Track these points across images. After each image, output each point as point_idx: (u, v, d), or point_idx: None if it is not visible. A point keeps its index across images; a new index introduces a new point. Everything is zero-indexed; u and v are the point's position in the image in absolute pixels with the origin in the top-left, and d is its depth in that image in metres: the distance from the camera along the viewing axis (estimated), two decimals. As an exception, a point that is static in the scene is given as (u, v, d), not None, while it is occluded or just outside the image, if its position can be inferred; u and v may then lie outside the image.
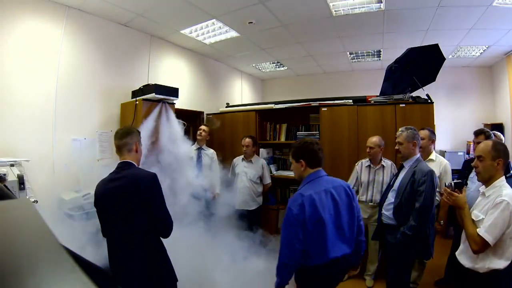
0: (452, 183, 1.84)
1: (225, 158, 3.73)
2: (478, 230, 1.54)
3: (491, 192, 1.62)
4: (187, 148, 3.26)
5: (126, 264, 1.54)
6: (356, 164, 3.11)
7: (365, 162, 3.02)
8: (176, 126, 3.14)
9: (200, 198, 3.11)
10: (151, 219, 1.57)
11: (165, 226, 1.61)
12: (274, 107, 3.99)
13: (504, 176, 1.64)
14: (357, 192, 3.07)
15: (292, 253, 1.56)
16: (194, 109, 4.48)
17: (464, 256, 1.70)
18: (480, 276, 1.57)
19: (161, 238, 1.65)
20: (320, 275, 1.63)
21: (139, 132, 1.83)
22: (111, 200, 1.58)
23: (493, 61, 5.02)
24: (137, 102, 3.01)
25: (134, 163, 1.70)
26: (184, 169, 3.12)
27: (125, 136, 1.71)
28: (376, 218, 2.87)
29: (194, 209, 2.97)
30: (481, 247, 1.52)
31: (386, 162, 2.94)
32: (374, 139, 2.90)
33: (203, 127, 3.67)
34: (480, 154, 1.67)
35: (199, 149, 3.59)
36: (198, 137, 3.61)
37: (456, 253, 1.78)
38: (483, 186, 1.72)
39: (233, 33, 3.89)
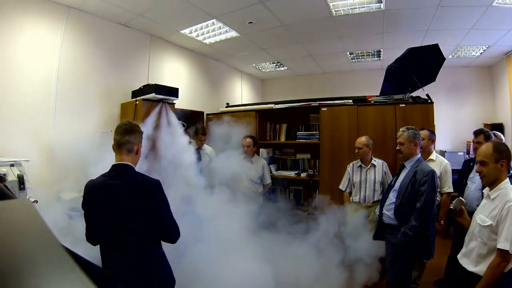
0: (462, 198, 1.89)
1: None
2: (502, 246, 1.44)
3: (496, 195, 1.58)
4: (192, 150, 3.25)
5: (127, 272, 1.46)
6: (348, 166, 3.13)
7: (356, 163, 3.05)
8: (177, 126, 3.14)
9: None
10: (155, 227, 1.50)
11: (175, 234, 1.57)
12: (274, 107, 3.99)
13: (507, 178, 1.60)
14: (350, 193, 3.08)
15: None
16: (194, 109, 4.48)
17: (466, 260, 1.67)
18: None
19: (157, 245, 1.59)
20: None
21: (142, 133, 1.67)
22: (112, 207, 1.46)
23: (493, 61, 5.01)
24: (137, 102, 3.01)
25: (133, 165, 1.56)
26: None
27: (128, 134, 1.55)
28: (372, 217, 2.89)
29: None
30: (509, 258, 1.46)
31: (377, 161, 2.95)
32: (363, 139, 2.93)
33: (203, 137, 3.59)
34: (482, 159, 1.61)
35: (198, 149, 3.58)
36: (199, 142, 3.58)
37: (458, 256, 1.75)
38: (487, 188, 1.68)
39: (233, 33, 3.89)
